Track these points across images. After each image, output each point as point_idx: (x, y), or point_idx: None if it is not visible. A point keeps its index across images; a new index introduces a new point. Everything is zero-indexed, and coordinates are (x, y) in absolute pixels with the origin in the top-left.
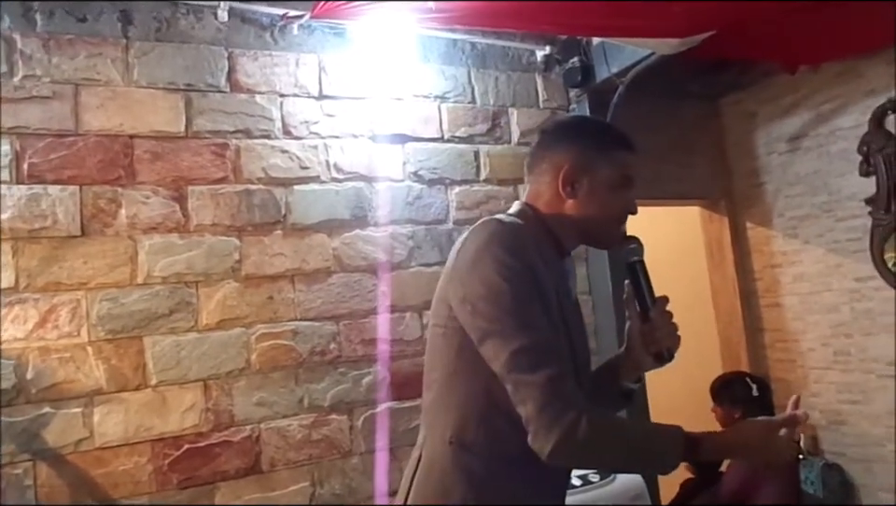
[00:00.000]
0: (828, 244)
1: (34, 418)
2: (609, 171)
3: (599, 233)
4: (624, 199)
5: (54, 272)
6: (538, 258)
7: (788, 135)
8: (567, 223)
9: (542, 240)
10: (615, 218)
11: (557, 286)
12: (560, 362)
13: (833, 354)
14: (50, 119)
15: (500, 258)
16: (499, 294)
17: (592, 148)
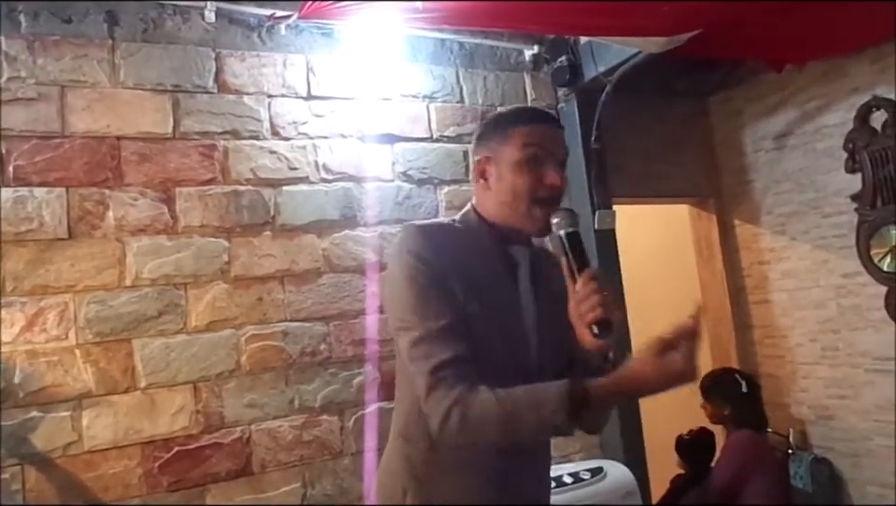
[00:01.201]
0: (815, 240)
1: (22, 422)
2: (510, 150)
3: (517, 215)
4: (533, 174)
5: (41, 275)
6: (455, 252)
7: (775, 133)
8: (493, 213)
9: (479, 235)
10: (527, 196)
11: (494, 274)
12: (453, 348)
13: (820, 349)
14: (36, 120)
15: (405, 259)
16: (402, 292)
17: (492, 135)
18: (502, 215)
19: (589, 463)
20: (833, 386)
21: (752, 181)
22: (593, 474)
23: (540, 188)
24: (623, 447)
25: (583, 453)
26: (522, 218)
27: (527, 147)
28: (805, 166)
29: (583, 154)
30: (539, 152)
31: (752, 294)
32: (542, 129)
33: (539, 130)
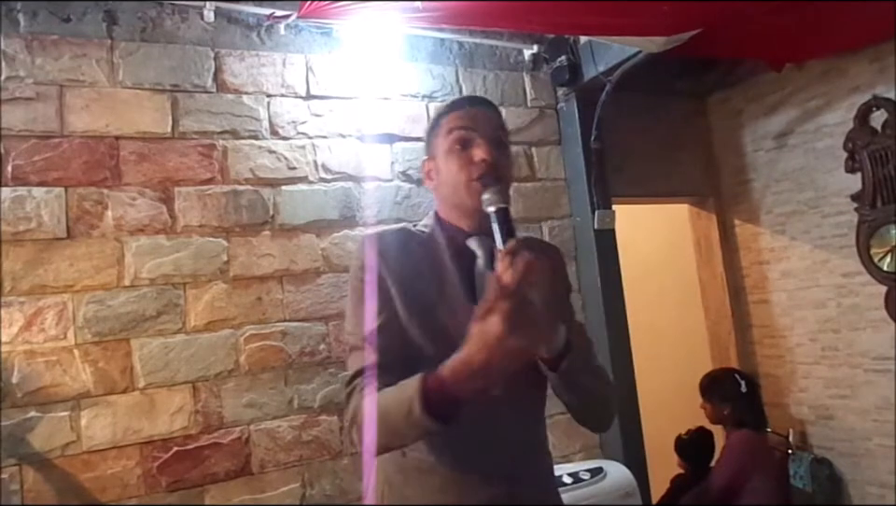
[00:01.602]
0: (815, 240)
1: (20, 422)
2: (441, 141)
3: (461, 203)
4: (462, 156)
5: (40, 274)
6: (404, 258)
7: (774, 133)
8: (445, 210)
9: (434, 237)
10: (464, 180)
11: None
12: (372, 357)
13: (820, 349)
14: (35, 120)
15: (352, 267)
16: (348, 300)
17: (429, 134)
18: (451, 208)
19: (589, 463)
20: (833, 386)
21: (752, 181)
22: (592, 474)
23: (472, 167)
24: (622, 447)
25: (583, 453)
26: (465, 204)
27: (453, 132)
28: (805, 166)
29: (583, 154)
30: (466, 134)
31: (752, 294)
32: (467, 111)
33: (463, 113)
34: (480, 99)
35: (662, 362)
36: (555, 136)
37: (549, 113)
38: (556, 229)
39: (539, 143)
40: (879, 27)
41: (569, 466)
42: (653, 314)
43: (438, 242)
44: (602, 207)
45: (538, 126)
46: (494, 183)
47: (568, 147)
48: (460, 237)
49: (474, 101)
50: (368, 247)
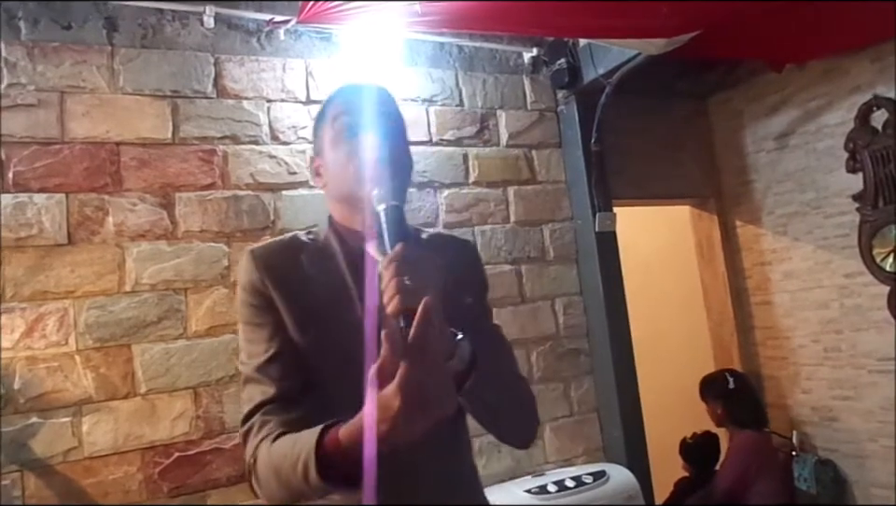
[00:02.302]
0: (817, 240)
1: (21, 428)
2: (326, 132)
3: (351, 194)
4: (349, 144)
5: (41, 280)
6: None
7: (775, 133)
8: (338, 212)
9: (326, 243)
10: (351, 172)
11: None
12: (264, 390)
13: (823, 350)
14: (36, 126)
15: (238, 289)
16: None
17: (315, 128)
18: (345, 207)
19: (592, 467)
20: (837, 388)
21: (753, 182)
22: (595, 478)
23: (364, 158)
24: (625, 450)
25: (586, 456)
26: (357, 199)
27: (337, 119)
28: (806, 166)
29: (583, 156)
30: (351, 119)
31: (754, 295)
32: (354, 97)
33: (349, 99)
34: (368, 84)
35: (664, 365)
36: (556, 139)
37: (549, 116)
38: (557, 232)
39: (540, 146)
40: (880, 27)
41: (572, 469)
42: (655, 316)
43: (332, 250)
44: (603, 210)
45: (538, 129)
46: (385, 177)
47: (569, 149)
48: (357, 241)
49: (362, 86)
50: (252, 265)
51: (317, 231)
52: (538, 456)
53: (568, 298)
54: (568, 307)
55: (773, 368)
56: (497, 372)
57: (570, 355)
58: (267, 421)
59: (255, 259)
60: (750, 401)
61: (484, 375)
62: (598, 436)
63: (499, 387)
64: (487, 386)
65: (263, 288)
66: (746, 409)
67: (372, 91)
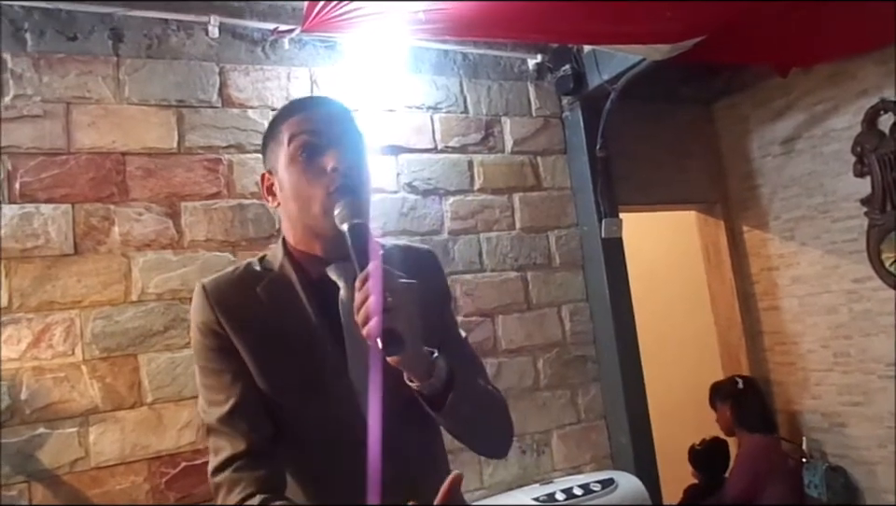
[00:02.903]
0: (825, 245)
1: (28, 439)
2: (283, 150)
3: (313, 222)
4: (310, 165)
5: (47, 291)
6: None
7: (781, 138)
8: (293, 232)
9: (281, 271)
10: (315, 195)
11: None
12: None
13: (832, 356)
14: (42, 137)
15: (192, 331)
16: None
17: (267, 143)
18: (302, 230)
19: (600, 474)
20: (846, 393)
21: (760, 186)
22: (603, 486)
23: (323, 179)
24: (633, 458)
25: (594, 464)
26: (318, 225)
27: (296, 138)
28: (813, 171)
29: (589, 162)
30: (312, 139)
31: (762, 300)
32: (312, 113)
33: (307, 115)
34: (322, 99)
35: (672, 371)
36: (561, 145)
37: (554, 122)
38: (563, 238)
39: (545, 152)
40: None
41: (580, 477)
42: (663, 322)
43: (289, 279)
44: (609, 216)
45: (543, 135)
46: (348, 194)
47: (574, 155)
48: (316, 266)
49: (319, 101)
50: (205, 302)
51: (271, 257)
52: (545, 464)
53: (575, 304)
54: (575, 314)
55: (782, 373)
56: (472, 385)
57: (577, 362)
58: (238, 479)
59: (207, 296)
60: (759, 404)
61: (460, 391)
62: (606, 443)
63: (473, 401)
64: (463, 400)
65: (219, 329)
66: (754, 411)
67: (327, 106)
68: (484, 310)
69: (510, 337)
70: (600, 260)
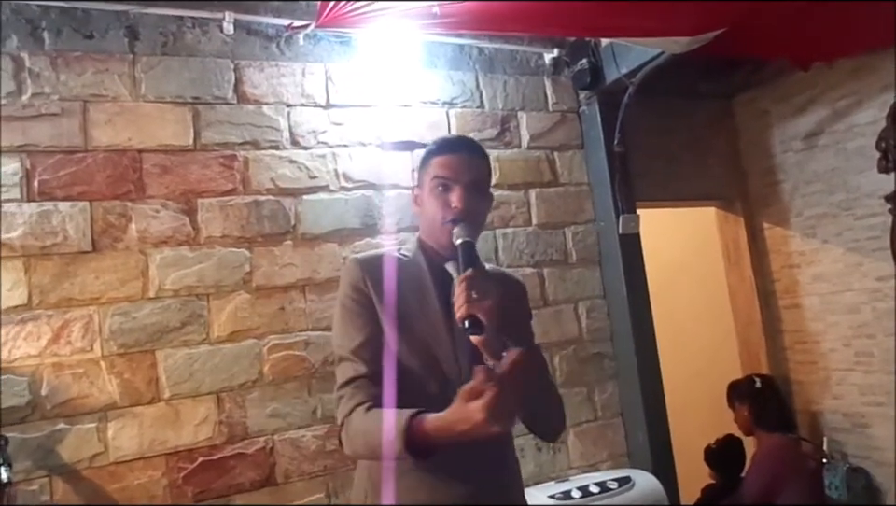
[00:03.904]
0: (847, 243)
1: (49, 434)
2: (427, 179)
3: (434, 232)
4: (441, 199)
5: (66, 288)
6: (387, 280)
7: (803, 133)
8: (426, 235)
9: (415, 259)
10: (439, 218)
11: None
12: (356, 368)
13: (854, 355)
14: (60, 135)
15: (340, 288)
16: (335, 317)
17: (421, 165)
18: (431, 235)
19: (616, 472)
20: (869, 393)
21: (781, 183)
22: (620, 484)
23: (447, 211)
24: (650, 456)
25: (610, 462)
26: (437, 235)
27: (437, 175)
28: (836, 167)
29: (606, 158)
30: (447, 179)
31: (782, 298)
32: (450, 157)
33: (447, 159)
34: (462, 144)
35: (690, 369)
36: (578, 140)
37: (571, 117)
38: (580, 234)
39: (562, 147)
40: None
41: (597, 475)
42: (681, 319)
43: (420, 265)
44: (626, 212)
45: (560, 130)
46: (461, 222)
47: (591, 150)
48: (440, 259)
49: (461, 146)
50: (357, 267)
51: (406, 249)
52: (561, 462)
53: (591, 301)
54: (591, 310)
55: (802, 373)
56: (535, 375)
57: (594, 359)
58: (356, 393)
59: (360, 263)
60: (777, 403)
61: (527, 379)
62: (623, 441)
63: (533, 386)
64: (534, 387)
65: (364, 287)
66: (773, 411)
67: (467, 151)
68: None
69: None
70: (617, 256)
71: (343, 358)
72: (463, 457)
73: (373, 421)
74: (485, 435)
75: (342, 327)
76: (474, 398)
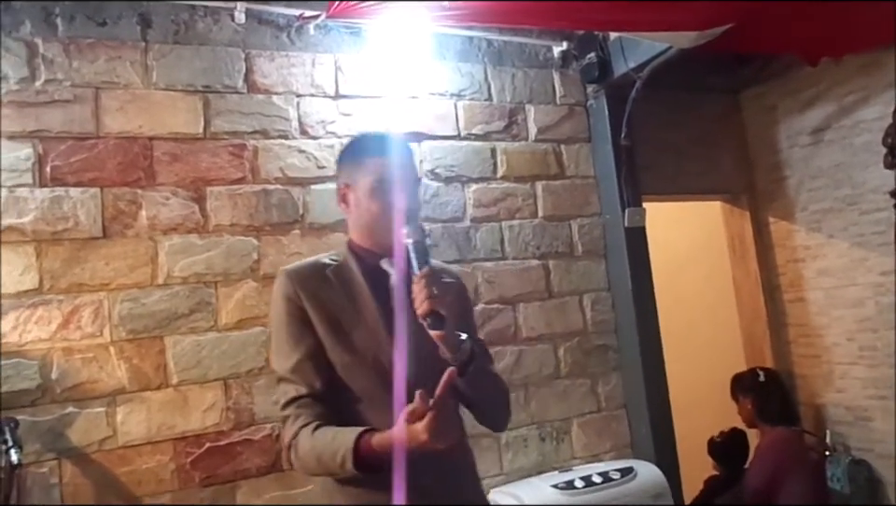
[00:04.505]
0: (852, 237)
1: (59, 418)
2: (364, 179)
3: (377, 234)
4: (384, 202)
5: (76, 273)
6: (320, 289)
7: (810, 128)
8: (358, 235)
9: (347, 263)
10: (383, 220)
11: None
12: (298, 387)
13: (858, 349)
14: (72, 122)
15: (273, 302)
16: (272, 333)
17: (349, 163)
18: (365, 235)
19: (619, 463)
20: (872, 387)
21: (787, 177)
22: (623, 474)
23: (393, 212)
24: (654, 447)
25: (614, 453)
26: (380, 237)
27: (378, 180)
28: (842, 162)
29: (613, 151)
30: (389, 180)
31: (787, 292)
32: (391, 159)
33: (388, 160)
34: (400, 144)
35: (695, 362)
36: (585, 134)
37: (578, 110)
38: (586, 227)
39: (569, 140)
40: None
41: (600, 465)
42: (686, 313)
43: (351, 269)
44: (632, 205)
45: (567, 123)
46: (411, 222)
47: (598, 144)
48: (372, 258)
49: (396, 147)
50: (287, 282)
51: (336, 254)
52: (565, 452)
53: (596, 293)
54: (596, 303)
55: (806, 366)
56: (486, 366)
57: (598, 351)
58: (300, 413)
59: (289, 275)
60: (781, 397)
61: (478, 366)
62: (626, 432)
63: (485, 377)
64: (478, 374)
65: (297, 300)
66: (776, 404)
67: (402, 154)
68: (506, 298)
69: (531, 325)
70: (623, 249)
71: (283, 379)
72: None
73: (322, 442)
74: (433, 451)
75: (278, 344)
76: (417, 419)
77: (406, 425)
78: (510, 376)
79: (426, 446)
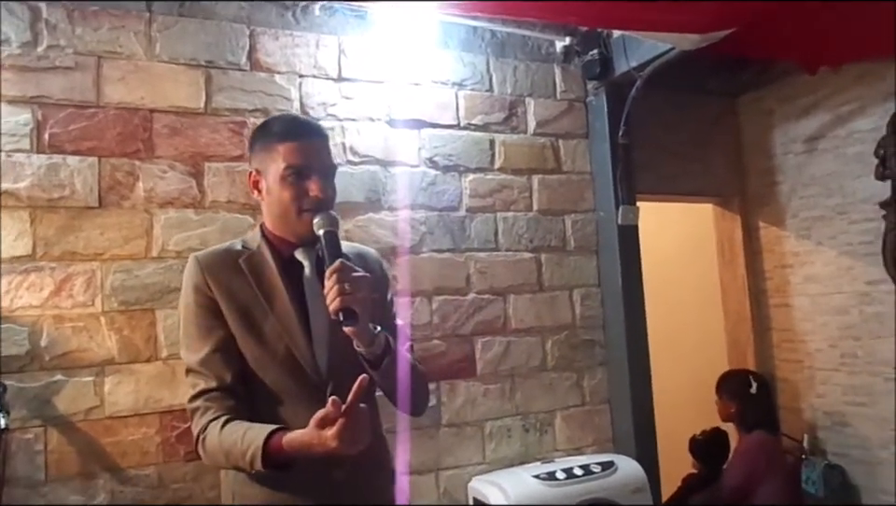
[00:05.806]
0: (840, 246)
1: (46, 385)
2: (275, 165)
3: (288, 224)
4: (296, 187)
5: (70, 241)
6: (231, 278)
7: (805, 136)
8: (271, 222)
9: (260, 251)
10: (293, 208)
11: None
12: (207, 379)
13: (840, 356)
14: (72, 89)
15: (182, 291)
16: (181, 323)
17: (259, 148)
18: (278, 223)
19: (600, 457)
20: (851, 394)
21: (779, 183)
22: (603, 468)
23: (305, 200)
24: (635, 443)
25: (596, 446)
26: (292, 226)
27: (289, 166)
28: (835, 171)
29: (610, 149)
30: (300, 167)
31: (773, 297)
32: (303, 144)
33: (300, 145)
34: (313, 130)
35: (679, 361)
36: (583, 130)
37: (578, 106)
38: (579, 222)
39: (567, 136)
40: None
41: (581, 458)
42: (672, 312)
43: (265, 257)
44: (626, 203)
45: (566, 118)
46: (323, 210)
47: (596, 141)
48: (287, 248)
49: (309, 132)
50: (198, 268)
51: (250, 240)
52: (547, 443)
53: (586, 289)
54: (586, 298)
55: (788, 371)
56: (402, 356)
57: (585, 345)
58: (209, 407)
59: (199, 263)
60: (766, 407)
61: (393, 358)
62: (609, 427)
63: (402, 367)
64: (394, 365)
65: (207, 290)
66: (760, 413)
67: (315, 139)
68: (497, 288)
69: (520, 317)
70: (615, 246)
71: (192, 370)
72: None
73: (231, 439)
74: (341, 456)
75: (187, 335)
76: (327, 425)
77: (316, 430)
78: (497, 367)
79: (335, 452)
